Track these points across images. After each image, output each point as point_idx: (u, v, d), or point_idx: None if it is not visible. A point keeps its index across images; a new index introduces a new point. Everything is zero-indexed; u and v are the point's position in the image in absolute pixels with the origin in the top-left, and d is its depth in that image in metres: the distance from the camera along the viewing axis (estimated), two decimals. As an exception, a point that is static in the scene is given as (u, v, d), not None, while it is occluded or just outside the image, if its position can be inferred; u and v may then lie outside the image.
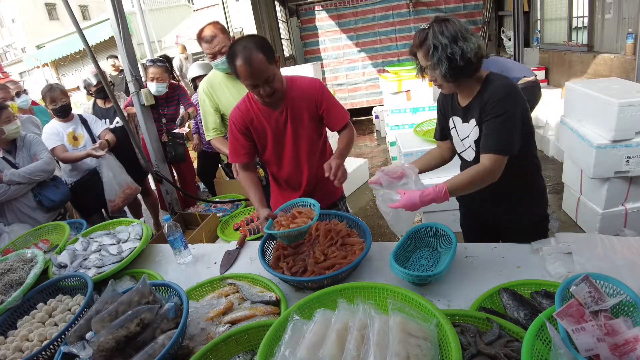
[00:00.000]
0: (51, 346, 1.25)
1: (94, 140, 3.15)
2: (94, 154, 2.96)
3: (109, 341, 1.08)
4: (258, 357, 0.96)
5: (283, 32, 7.24)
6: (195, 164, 4.33)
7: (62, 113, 3.06)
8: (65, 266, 1.73)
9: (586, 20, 4.44)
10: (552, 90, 4.80)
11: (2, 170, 2.51)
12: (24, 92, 3.86)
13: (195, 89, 3.99)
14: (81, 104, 4.40)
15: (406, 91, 4.56)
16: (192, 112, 3.74)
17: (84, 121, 3.18)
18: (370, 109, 6.93)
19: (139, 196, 3.80)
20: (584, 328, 0.85)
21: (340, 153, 1.73)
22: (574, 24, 4.76)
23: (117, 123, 3.48)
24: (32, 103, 4.16)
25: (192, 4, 16.24)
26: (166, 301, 1.24)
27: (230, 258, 1.75)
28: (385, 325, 0.95)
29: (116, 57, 6.01)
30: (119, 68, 5.88)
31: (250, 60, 1.51)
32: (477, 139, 1.45)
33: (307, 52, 7.58)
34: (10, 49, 24.80)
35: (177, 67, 7.25)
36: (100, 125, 3.25)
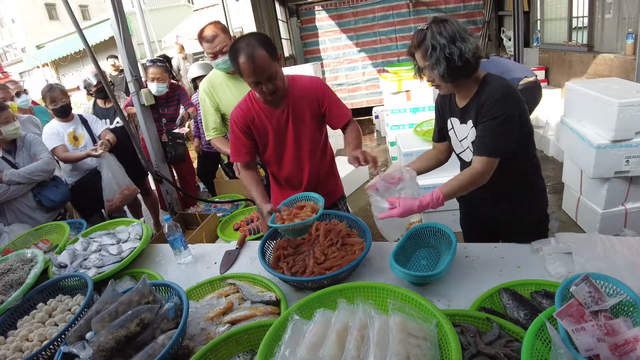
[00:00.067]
0: (51, 346, 1.25)
1: (94, 140, 3.15)
2: (93, 154, 2.97)
3: (109, 341, 1.08)
4: (258, 357, 0.96)
5: (283, 32, 7.24)
6: (195, 164, 4.33)
7: (62, 113, 3.06)
8: (65, 266, 1.73)
9: (586, 20, 4.44)
10: (552, 90, 4.80)
11: (1, 170, 2.51)
12: (24, 92, 3.86)
13: (195, 89, 3.99)
14: (81, 104, 4.40)
15: (406, 91, 4.56)
16: (192, 112, 3.74)
17: (84, 121, 3.19)
18: (370, 109, 6.93)
19: (139, 196, 3.80)
20: (584, 328, 0.85)
21: (356, 145, 1.73)
22: (574, 24, 4.76)
23: (117, 123, 3.48)
24: (32, 103, 4.16)
25: (192, 4, 16.24)
26: (166, 301, 1.24)
27: (230, 258, 1.75)
28: (385, 325, 0.95)
29: (116, 57, 6.00)
30: (119, 68, 5.87)
31: (253, 57, 1.51)
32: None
33: (307, 52, 7.58)
34: (10, 49, 24.80)
35: (175, 67, 7.24)
36: (100, 125, 3.25)
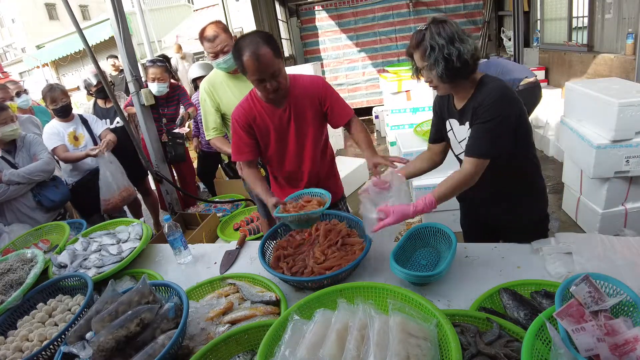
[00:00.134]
0: (51, 346, 1.25)
1: (94, 140, 3.15)
2: (91, 154, 2.97)
3: (109, 341, 1.08)
4: (258, 357, 0.96)
5: (283, 32, 7.23)
6: (195, 164, 4.33)
7: (62, 113, 3.06)
8: (65, 266, 1.73)
9: (586, 20, 4.43)
10: (552, 90, 4.80)
11: (1, 170, 2.51)
12: (24, 92, 3.86)
13: (195, 89, 3.99)
14: (81, 104, 4.40)
15: (406, 91, 4.56)
16: (192, 112, 3.74)
17: (84, 121, 3.18)
18: (370, 109, 6.92)
19: (139, 196, 3.80)
20: (584, 328, 0.85)
21: (367, 145, 1.75)
22: (574, 24, 4.76)
23: (117, 123, 3.48)
24: (33, 103, 4.16)
25: (192, 4, 16.26)
26: (166, 301, 1.24)
27: (230, 258, 1.75)
28: (385, 325, 0.95)
29: (116, 57, 6.00)
30: (119, 68, 5.88)
31: (258, 55, 1.51)
32: None
33: (307, 52, 7.58)
34: (10, 49, 24.79)
35: (174, 67, 7.24)
36: (100, 125, 3.25)
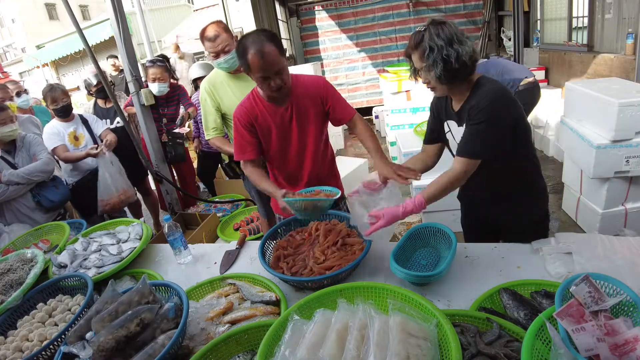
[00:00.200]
0: (51, 346, 1.25)
1: (94, 140, 3.15)
2: (92, 153, 2.97)
3: (109, 341, 1.08)
4: (258, 357, 0.96)
5: (283, 32, 7.23)
6: (195, 164, 4.33)
7: (63, 113, 3.06)
8: (65, 266, 1.73)
9: (586, 20, 4.43)
10: (552, 90, 4.80)
11: (1, 170, 2.51)
12: (24, 92, 3.86)
13: (196, 89, 3.99)
14: (81, 104, 4.41)
15: (406, 91, 4.56)
16: (192, 112, 3.74)
17: (84, 121, 3.18)
18: (370, 109, 6.92)
19: (139, 196, 3.80)
20: (584, 328, 0.85)
21: (383, 161, 1.61)
22: (574, 24, 4.76)
23: (117, 123, 3.48)
24: (34, 102, 4.16)
25: (192, 4, 16.26)
26: (166, 301, 1.24)
27: (230, 258, 1.75)
28: (385, 325, 0.95)
29: (116, 57, 6.00)
30: (119, 68, 5.87)
31: (262, 52, 1.52)
32: None
33: (307, 52, 7.58)
34: (10, 49, 24.79)
35: (172, 67, 7.23)
36: (101, 125, 3.25)
